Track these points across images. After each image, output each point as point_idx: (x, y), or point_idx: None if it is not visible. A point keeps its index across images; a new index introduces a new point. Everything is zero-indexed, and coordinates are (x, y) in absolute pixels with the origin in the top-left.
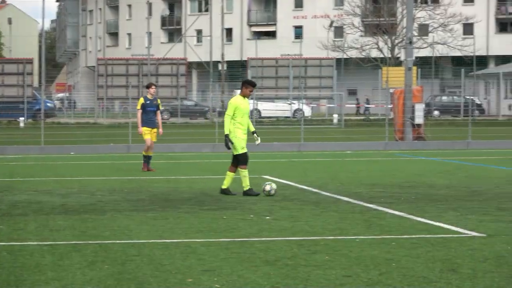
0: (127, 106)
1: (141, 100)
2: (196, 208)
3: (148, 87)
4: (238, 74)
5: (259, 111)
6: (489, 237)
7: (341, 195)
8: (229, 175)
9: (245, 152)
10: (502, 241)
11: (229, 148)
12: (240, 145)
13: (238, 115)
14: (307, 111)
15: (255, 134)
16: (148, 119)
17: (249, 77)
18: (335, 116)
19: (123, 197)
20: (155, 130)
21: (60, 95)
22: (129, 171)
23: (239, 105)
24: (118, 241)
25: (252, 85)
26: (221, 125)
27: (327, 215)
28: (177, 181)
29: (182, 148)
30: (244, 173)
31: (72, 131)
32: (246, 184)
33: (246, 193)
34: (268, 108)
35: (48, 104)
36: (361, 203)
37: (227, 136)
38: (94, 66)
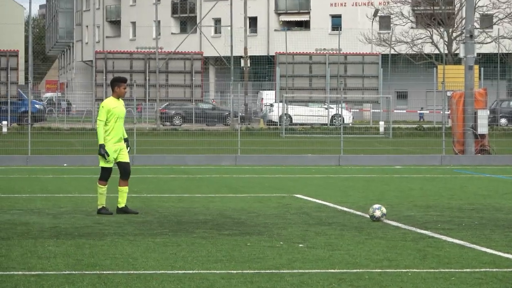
0: (131, 109)
1: None
2: (214, 232)
3: None
4: (264, 72)
5: (289, 117)
6: None
7: (390, 219)
8: (121, 191)
9: (108, 168)
10: None
11: (105, 158)
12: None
13: (111, 120)
14: (348, 117)
15: (126, 142)
16: None
17: (277, 76)
18: (382, 123)
19: (126, 219)
20: None
21: (51, 94)
22: (134, 187)
23: (112, 108)
24: (120, 272)
25: (124, 81)
26: (244, 133)
27: (372, 243)
28: (191, 200)
29: (197, 160)
30: (101, 189)
31: (65, 139)
32: (101, 203)
33: (99, 211)
34: (301, 114)
35: (37, 106)
36: (414, 229)
37: (102, 146)
38: (91, 61)
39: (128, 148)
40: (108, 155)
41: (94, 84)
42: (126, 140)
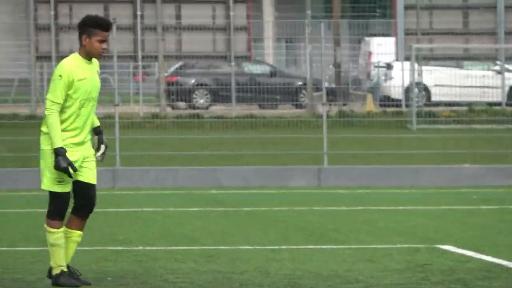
0: (109, 77)
1: None
2: None
3: None
4: (372, 1)
5: (426, 90)
6: None
7: None
8: (71, 237)
9: (65, 193)
10: None
11: (70, 176)
12: (56, 173)
13: (75, 103)
14: None
15: (98, 137)
16: None
17: (399, 8)
18: None
19: None
20: None
21: None
22: (118, 232)
23: (79, 80)
24: None
25: (107, 28)
26: (336, 123)
27: None
28: (231, 256)
29: (242, 177)
30: (54, 236)
31: None
32: (57, 263)
33: (56, 282)
34: (448, 83)
35: None
36: None
37: (61, 152)
38: None
39: (104, 148)
40: (76, 170)
41: (32, 27)
42: (98, 132)
